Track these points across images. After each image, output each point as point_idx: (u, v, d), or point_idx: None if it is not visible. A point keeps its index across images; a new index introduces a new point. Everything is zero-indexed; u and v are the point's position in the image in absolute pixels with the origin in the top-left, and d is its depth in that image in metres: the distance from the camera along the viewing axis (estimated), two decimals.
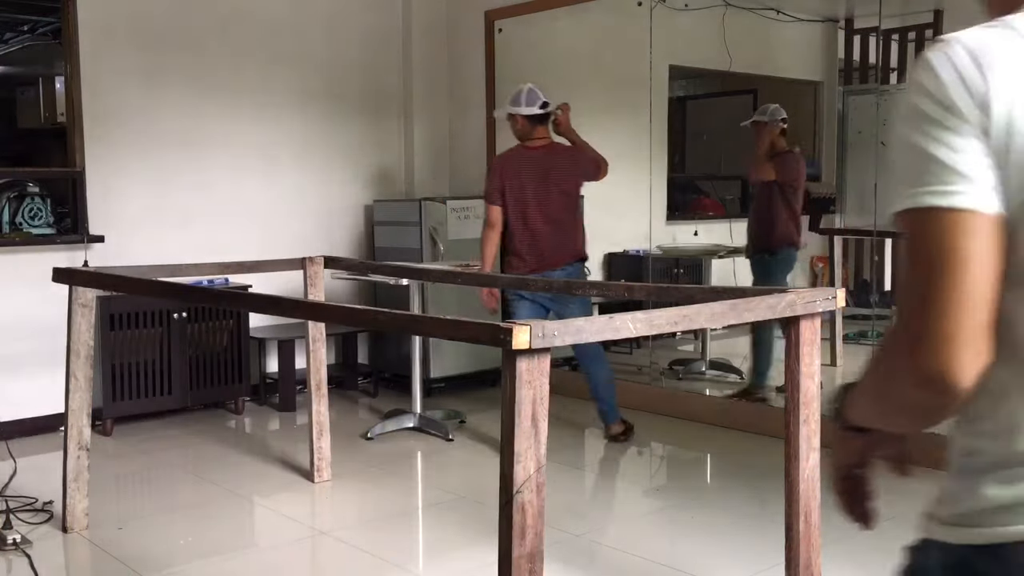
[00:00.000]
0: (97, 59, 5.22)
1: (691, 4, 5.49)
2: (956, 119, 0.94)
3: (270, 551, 3.61)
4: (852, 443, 1.17)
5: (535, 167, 4.73)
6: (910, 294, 0.95)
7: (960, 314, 0.92)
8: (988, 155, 0.93)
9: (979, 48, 0.96)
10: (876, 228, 5.14)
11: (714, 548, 3.48)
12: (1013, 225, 0.94)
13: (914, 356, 0.94)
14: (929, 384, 0.94)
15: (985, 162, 0.93)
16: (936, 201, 0.93)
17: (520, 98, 4.76)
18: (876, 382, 1.05)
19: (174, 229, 5.49)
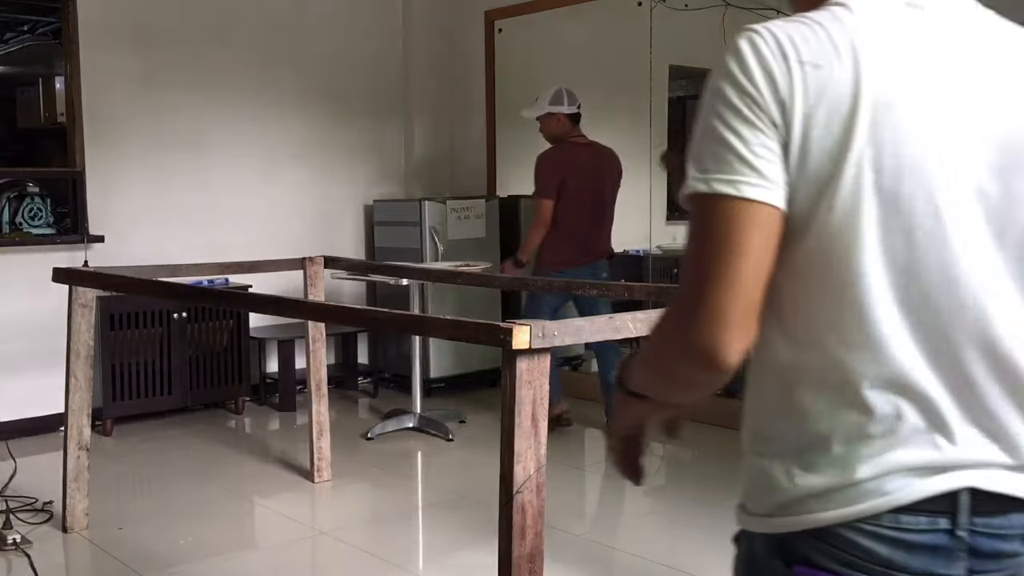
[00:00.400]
0: (97, 59, 5.22)
1: (691, 4, 5.48)
2: (756, 111, 0.97)
3: (270, 551, 3.61)
4: (632, 408, 1.21)
5: (590, 164, 4.93)
6: (689, 272, 0.99)
7: (732, 296, 0.96)
8: (781, 151, 0.97)
9: (787, 42, 0.98)
10: None
11: (714, 548, 3.47)
12: (798, 221, 0.98)
13: (686, 330, 0.98)
14: (697, 358, 0.98)
15: (778, 157, 0.96)
16: (726, 189, 0.97)
17: (562, 97, 4.94)
18: (652, 354, 1.09)
19: (174, 229, 5.49)
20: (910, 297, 0.99)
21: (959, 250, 0.99)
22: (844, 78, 0.96)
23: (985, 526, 1.02)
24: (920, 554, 1.01)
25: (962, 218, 0.98)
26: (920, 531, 1.01)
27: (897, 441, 1.00)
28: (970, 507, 1.01)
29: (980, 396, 1.02)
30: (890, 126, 0.96)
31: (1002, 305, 1.01)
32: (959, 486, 1.00)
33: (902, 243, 0.98)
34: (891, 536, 1.01)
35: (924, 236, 0.98)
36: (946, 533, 1.01)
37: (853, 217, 0.97)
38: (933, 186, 0.97)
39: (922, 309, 0.99)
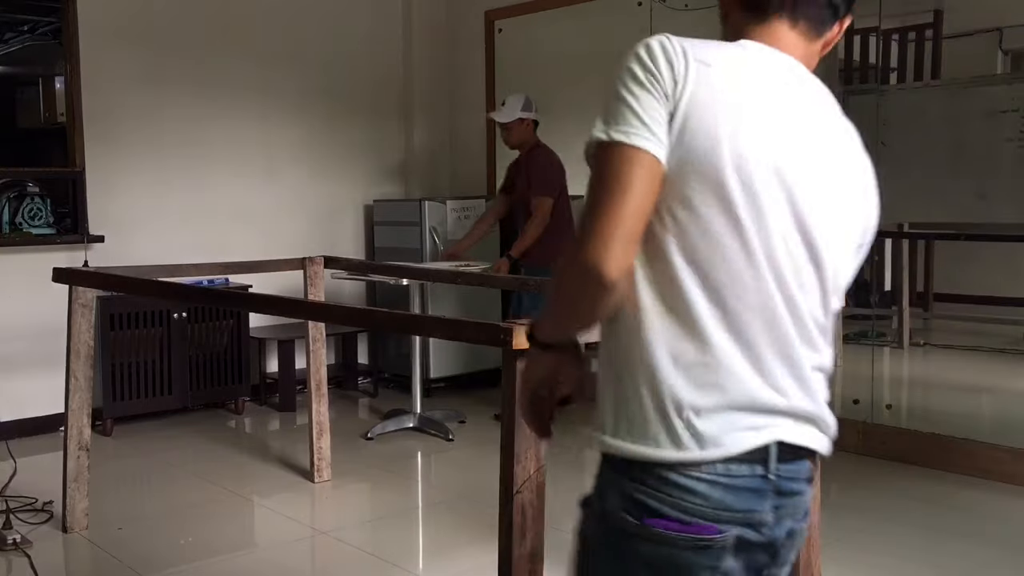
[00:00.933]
0: (97, 59, 5.22)
1: (691, 4, 5.48)
2: (654, 84, 1.21)
3: (270, 551, 3.61)
4: (541, 360, 1.35)
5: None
6: (588, 205, 1.21)
7: (617, 222, 1.18)
8: (668, 120, 1.21)
9: (691, 47, 1.23)
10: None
11: None
12: (671, 178, 1.21)
13: (580, 251, 1.19)
14: (587, 274, 1.19)
15: (664, 124, 1.21)
16: (622, 138, 1.20)
17: (530, 104, 5.14)
18: (555, 281, 1.27)
19: (174, 229, 5.49)
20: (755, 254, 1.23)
21: (773, 226, 1.23)
22: (724, 82, 1.23)
23: (786, 471, 1.27)
24: (744, 495, 1.24)
25: (777, 206, 1.24)
26: (743, 476, 1.23)
27: (730, 403, 1.22)
28: (777, 456, 1.25)
29: (793, 355, 1.26)
30: (744, 132, 1.21)
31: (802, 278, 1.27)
32: (770, 440, 1.24)
33: (733, 224, 1.21)
34: (723, 482, 1.23)
35: (755, 219, 1.22)
36: (761, 478, 1.25)
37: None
38: (760, 183, 1.22)
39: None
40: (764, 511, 1.25)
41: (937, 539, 3.51)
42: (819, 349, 1.30)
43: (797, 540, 1.34)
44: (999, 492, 4.01)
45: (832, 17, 1.37)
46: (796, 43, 1.33)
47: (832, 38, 1.40)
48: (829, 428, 1.32)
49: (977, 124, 4.93)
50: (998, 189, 4.90)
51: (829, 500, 3.79)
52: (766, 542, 1.27)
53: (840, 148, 1.33)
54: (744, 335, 1.23)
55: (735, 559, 1.26)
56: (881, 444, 4.49)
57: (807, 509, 1.33)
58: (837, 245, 1.30)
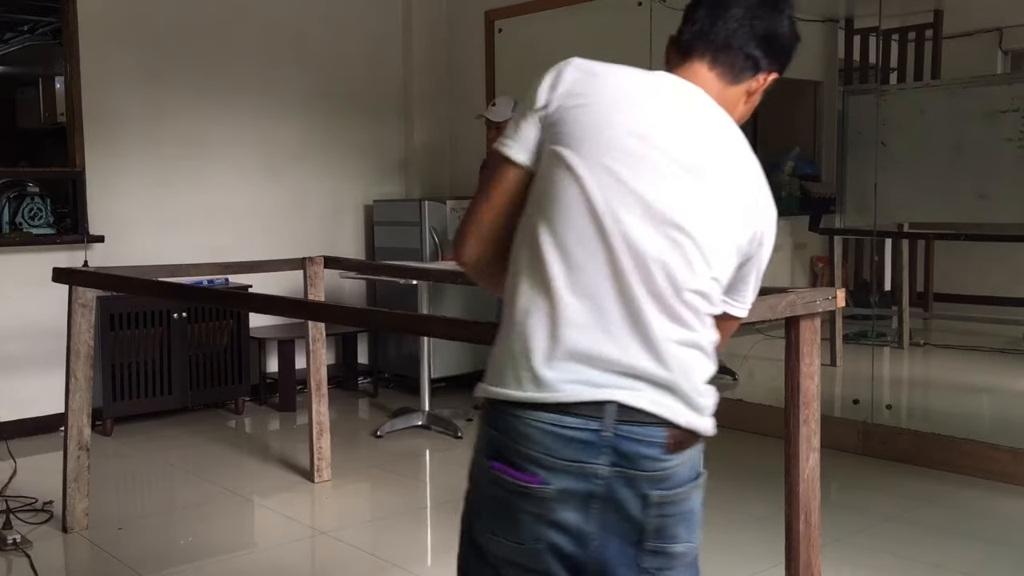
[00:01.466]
0: (97, 59, 5.22)
1: None
2: (536, 109, 1.44)
3: (270, 551, 3.61)
4: None
5: None
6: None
7: (470, 220, 1.52)
8: (540, 134, 1.44)
9: (590, 65, 1.46)
10: (876, 228, 5.14)
11: (714, 548, 3.47)
12: (541, 171, 1.43)
13: (455, 241, 1.55)
14: (457, 259, 1.56)
15: (535, 137, 1.44)
16: (501, 148, 1.47)
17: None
18: None
19: (174, 229, 5.49)
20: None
21: (622, 204, 1.39)
22: (609, 88, 1.43)
23: (627, 431, 1.36)
24: (573, 445, 1.36)
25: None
26: (575, 428, 1.36)
27: (570, 354, 1.37)
28: (617, 416, 1.36)
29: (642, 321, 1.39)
30: (613, 123, 1.41)
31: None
32: (608, 399, 1.36)
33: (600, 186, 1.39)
34: (554, 431, 1.36)
35: (605, 198, 1.39)
36: (594, 432, 1.36)
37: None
38: (618, 163, 1.40)
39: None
40: (596, 463, 1.36)
41: (937, 539, 3.51)
42: (687, 325, 1.41)
43: (674, 510, 1.42)
44: (999, 492, 4.01)
45: (751, 68, 1.54)
46: (712, 82, 1.52)
47: (756, 87, 1.57)
48: (693, 402, 1.41)
49: (977, 124, 4.93)
50: (998, 189, 4.90)
51: (829, 500, 3.79)
52: (605, 496, 1.37)
53: (717, 160, 1.44)
54: (592, 296, 1.38)
55: (577, 515, 1.37)
56: (881, 444, 4.49)
57: (681, 479, 1.41)
58: (710, 239, 1.41)
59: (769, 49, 1.55)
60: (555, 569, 1.41)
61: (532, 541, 1.39)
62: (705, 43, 1.52)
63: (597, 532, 1.39)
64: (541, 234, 1.40)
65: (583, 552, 1.40)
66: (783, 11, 1.57)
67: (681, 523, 1.43)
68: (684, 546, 1.45)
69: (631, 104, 1.43)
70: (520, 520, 1.39)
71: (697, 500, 1.47)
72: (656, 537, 1.42)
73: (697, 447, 1.46)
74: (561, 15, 5.88)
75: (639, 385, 1.38)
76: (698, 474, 1.48)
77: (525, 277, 1.42)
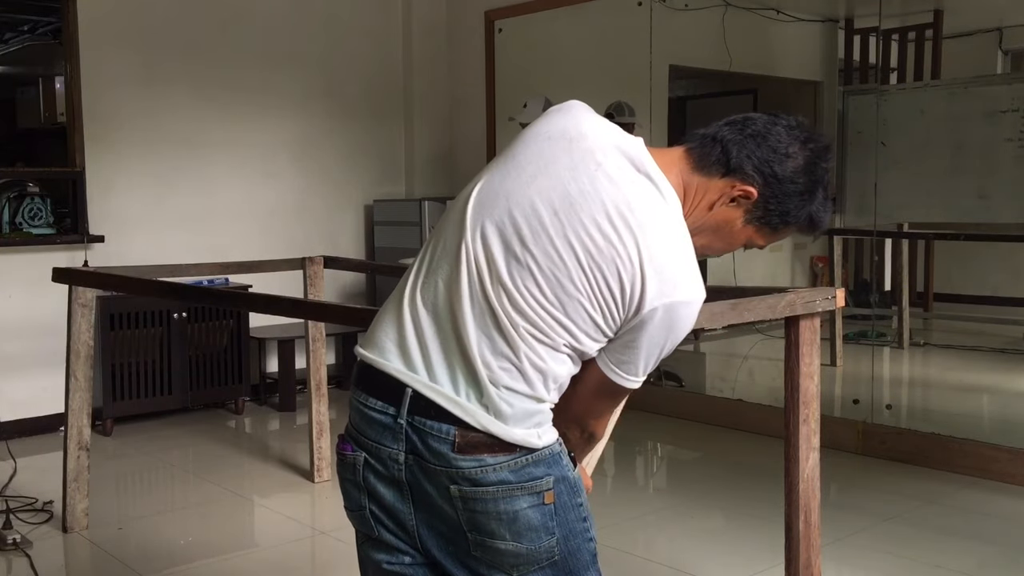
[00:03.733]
0: (97, 59, 5.22)
1: (691, 4, 5.48)
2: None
3: (270, 551, 3.61)
4: None
5: None
6: None
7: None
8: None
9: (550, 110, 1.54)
10: (876, 228, 5.14)
11: (714, 548, 3.48)
12: None
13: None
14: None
15: None
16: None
17: (550, 106, 4.91)
18: None
19: (174, 229, 5.49)
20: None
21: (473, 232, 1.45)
22: (531, 131, 1.53)
23: (421, 423, 1.43)
24: (376, 428, 1.46)
25: None
26: (377, 411, 1.46)
27: (383, 347, 1.48)
28: (412, 407, 1.43)
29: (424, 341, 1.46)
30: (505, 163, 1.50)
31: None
32: (407, 384, 1.44)
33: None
34: (363, 411, 1.48)
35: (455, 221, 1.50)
36: (392, 417, 1.45)
37: None
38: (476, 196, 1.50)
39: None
40: (395, 450, 1.45)
41: (937, 539, 3.51)
42: (499, 341, 1.42)
43: (482, 508, 1.42)
44: (999, 492, 4.01)
45: (721, 168, 1.49)
46: (681, 167, 1.51)
47: (724, 191, 1.49)
48: (461, 409, 1.42)
49: (977, 124, 4.94)
50: (998, 189, 4.90)
51: (829, 500, 3.79)
52: (398, 480, 1.46)
53: (616, 212, 1.42)
54: (417, 299, 1.47)
55: (384, 486, 1.48)
56: (881, 444, 4.49)
57: (474, 478, 1.41)
58: (559, 281, 1.40)
59: (748, 158, 1.48)
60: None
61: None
62: (703, 132, 1.53)
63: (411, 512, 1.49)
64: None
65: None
66: (802, 145, 1.50)
67: (494, 522, 1.43)
68: (511, 545, 1.44)
69: (538, 149, 1.51)
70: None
71: (522, 504, 1.43)
72: (474, 529, 1.44)
73: (523, 455, 1.43)
74: (561, 15, 5.88)
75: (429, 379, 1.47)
76: (530, 479, 1.44)
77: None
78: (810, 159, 1.49)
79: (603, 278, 1.40)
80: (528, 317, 1.41)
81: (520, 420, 1.43)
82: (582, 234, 1.40)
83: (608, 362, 1.46)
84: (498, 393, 1.41)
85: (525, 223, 1.42)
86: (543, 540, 1.45)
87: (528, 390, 1.43)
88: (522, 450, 1.43)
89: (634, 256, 1.39)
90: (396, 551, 1.52)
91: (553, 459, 1.46)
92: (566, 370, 1.46)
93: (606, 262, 1.39)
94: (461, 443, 1.41)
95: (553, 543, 1.46)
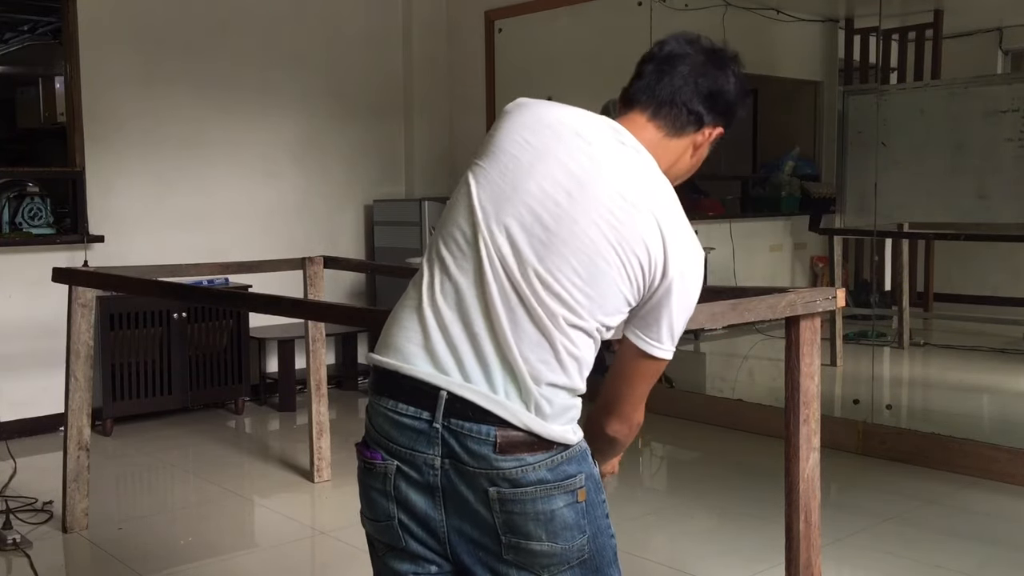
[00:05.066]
0: (97, 59, 5.22)
1: (691, 4, 5.48)
2: None
3: (270, 551, 3.61)
4: None
5: None
6: None
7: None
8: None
9: (524, 101, 1.55)
10: (876, 228, 5.14)
11: (714, 548, 3.48)
12: None
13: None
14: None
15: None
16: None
17: (611, 108, 4.77)
18: None
19: (174, 229, 5.49)
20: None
21: (487, 219, 1.48)
22: (522, 117, 1.54)
23: (458, 426, 1.41)
24: (407, 433, 1.44)
25: None
26: (409, 416, 1.44)
27: (406, 352, 1.46)
28: (448, 409, 1.41)
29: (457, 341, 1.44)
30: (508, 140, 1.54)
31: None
32: (440, 388, 1.42)
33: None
34: (392, 417, 1.46)
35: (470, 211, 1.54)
36: (426, 423, 1.43)
37: None
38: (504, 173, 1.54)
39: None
40: (431, 455, 1.43)
41: (937, 539, 3.51)
42: (535, 335, 1.42)
43: (520, 509, 1.42)
44: (999, 492, 4.01)
45: (695, 123, 1.59)
46: (651, 132, 1.57)
47: (702, 141, 1.61)
48: (502, 408, 1.41)
49: (977, 124, 4.94)
50: (998, 189, 4.90)
51: (829, 500, 3.79)
52: (433, 486, 1.44)
53: (623, 184, 1.46)
54: (438, 301, 1.46)
55: (417, 493, 1.45)
56: (881, 444, 4.49)
57: (514, 478, 1.41)
58: (591, 259, 1.42)
59: (713, 106, 1.59)
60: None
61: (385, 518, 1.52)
62: (648, 96, 1.58)
63: (442, 518, 1.47)
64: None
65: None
66: (727, 68, 1.61)
67: (532, 522, 1.43)
68: (547, 545, 1.44)
69: (533, 134, 1.53)
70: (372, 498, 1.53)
71: (558, 503, 1.44)
72: (509, 532, 1.44)
73: (558, 452, 1.45)
74: (561, 15, 5.89)
75: (463, 380, 1.46)
76: (565, 477, 1.45)
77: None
78: (737, 76, 1.62)
79: (631, 249, 1.43)
80: (565, 302, 1.42)
81: (558, 416, 1.44)
82: (603, 210, 1.43)
83: (640, 335, 1.49)
84: (539, 389, 1.42)
85: (544, 210, 1.44)
86: (576, 539, 1.46)
87: (567, 381, 1.45)
88: (559, 447, 1.44)
89: (653, 224, 1.44)
90: (423, 560, 1.51)
91: (583, 456, 1.49)
92: (592, 356, 1.49)
93: (631, 233, 1.43)
94: (503, 443, 1.41)
95: (584, 541, 1.48)
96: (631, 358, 1.50)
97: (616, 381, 1.54)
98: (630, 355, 1.50)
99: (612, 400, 1.55)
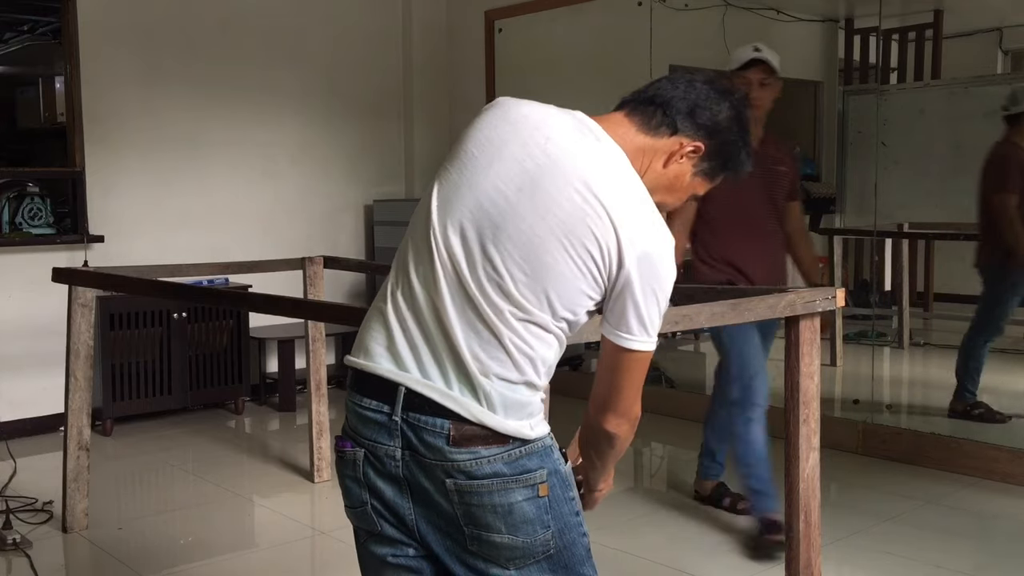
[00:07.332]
0: (97, 59, 5.22)
1: (691, 4, 5.48)
2: None
3: (270, 551, 3.61)
4: None
5: None
6: None
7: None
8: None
9: (503, 99, 1.58)
10: (876, 228, 5.14)
11: (714, 548, 3.48)
12: None
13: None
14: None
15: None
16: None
17: None
18: None
19: (174, 229, 5.49)
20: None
21: (444, 218, 1.51)
22: (492, 114, 1.58)
23: (415, 419, 1.45)
24: (371, 426, 1.49)
25: None
26: (371, 411, 1.49)
27: (373, 353, 1.51)
28: (407, 403, 1.45)
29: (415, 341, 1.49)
30: (476, 137, 1.57)
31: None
32: (399, 384, 1.46)
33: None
34: (357, 411, 1.52)
35: (426, 215, 1.57)
36: (386, 415, 1.47)
37: None
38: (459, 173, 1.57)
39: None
40: (391, 446, 1.48)
41: (937, 539, 3.51)
42: (483, 331, 1.44)
43: (477, 501, 1.44)
44: (999, 492, 4.01)
45: (668, 126, 1.56)
46: (624, 128, 1.56)
47: (677, 151, 1.56)
48: (456, 403, 1.44)
49: (977, 124, 4.94)
50: None
51: (829, 500, 3.79)
52: (396, 476, 1.49)
53: (575, 176, 1.46)
54: (399, 302, 1.51)
55: (383, 482, 1.50)
56: (881, 444, 4.49)
57: (468, 470, 1.43)
58: (536, 255, 1.43)
59: (692, 117, 1.56)
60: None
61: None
62: (633, 96, 1.60)
63: (414, 514, 1.51)
64: None
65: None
66: (726, 98, 1.60)
67: (490, 515, 1.45)
68: (507, 538, 1.46)
69: (500, 127, 1.56)
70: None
71: (516, 497, 1.45)
72: (470, 523, 1.47)
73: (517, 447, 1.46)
74: (561, 15, 5.89)
75: (420, 375, 1.50)
76: (523, 472, 1.46)
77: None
78: (736, 109, 1.60)
79: (579, 242, 1.43)
80: (513, 299, 1.44)
81: (513, 411, 1.46)
82: (550, 204, 1.44)
83: (612, 329, 1.50)
84: (490, 384, 1.44)
85: (493, 207, 1.45)
86: (539, 533, 1.47)
87: (519, 376, 1.46)
88: (515, 441, 1.46)
89: (602, 214, 1.43)
90: (400, 543, 1.54)
91: (545, 452, 1.49)
92: (553, 354, 1.50)
93: (579, 226, 1.43)
94: (456, 436, 1.43)
95: (548, 536, 1.48)
96: (610, 353, 1.52)
97: (603, 377, 1.55)
98: (608, 349, 1.52)
99: (604, 396, 1.56)
